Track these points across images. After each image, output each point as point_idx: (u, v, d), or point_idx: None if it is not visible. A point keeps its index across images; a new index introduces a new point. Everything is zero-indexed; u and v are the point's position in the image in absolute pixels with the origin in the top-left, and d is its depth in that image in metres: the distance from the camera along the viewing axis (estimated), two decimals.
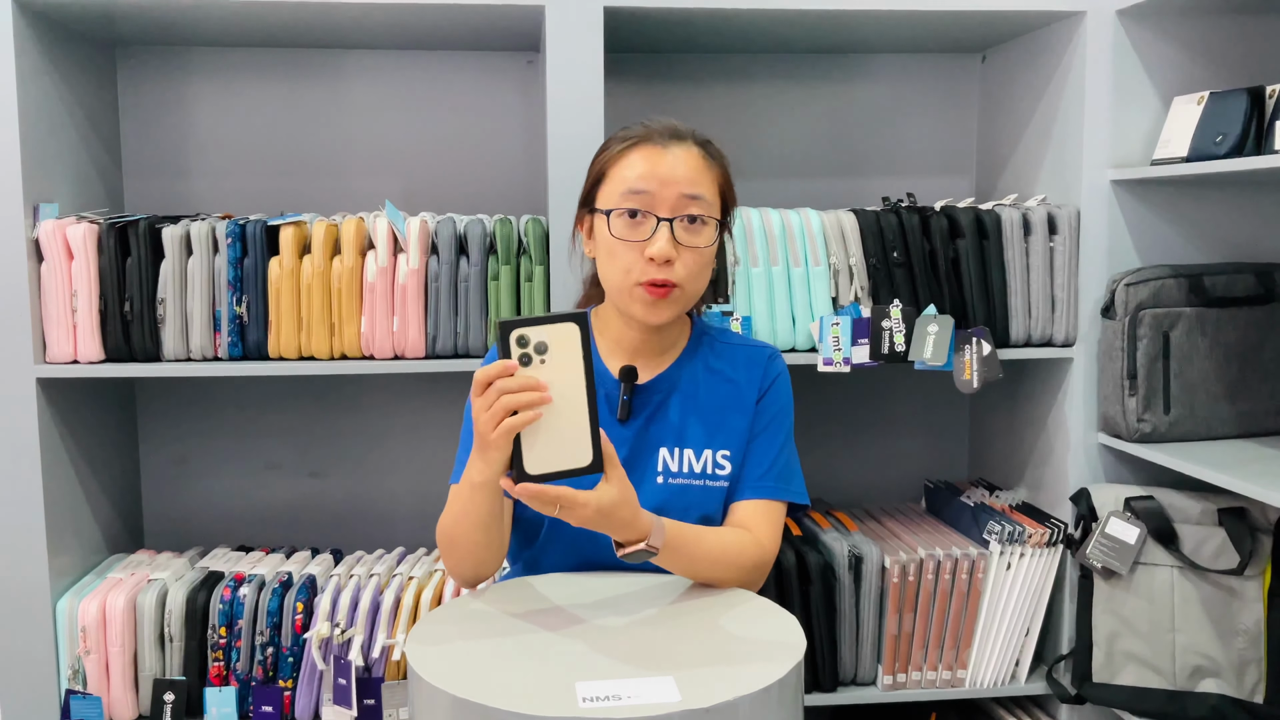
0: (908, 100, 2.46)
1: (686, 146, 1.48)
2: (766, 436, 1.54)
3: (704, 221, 1.46)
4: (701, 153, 1.49)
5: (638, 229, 1.45)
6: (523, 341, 1.22)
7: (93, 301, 1.91)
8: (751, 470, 1.52)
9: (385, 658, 1.92)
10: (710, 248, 1.47)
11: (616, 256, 1.46)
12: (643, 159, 1.46)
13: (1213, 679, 1.93)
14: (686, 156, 1.47)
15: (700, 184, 1.46)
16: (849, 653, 2.03)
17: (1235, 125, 1.81)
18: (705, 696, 1.09)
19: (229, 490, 2.37)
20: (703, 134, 1.53)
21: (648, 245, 1.43)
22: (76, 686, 1.92)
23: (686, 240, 1.45)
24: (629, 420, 1.52)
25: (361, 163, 2.34)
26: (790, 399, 1.58)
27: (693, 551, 1.40)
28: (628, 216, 1.45)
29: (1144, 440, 1.98)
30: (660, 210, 1.44)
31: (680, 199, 1.44)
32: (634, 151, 1.47)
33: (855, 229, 2.02)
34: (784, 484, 1.53)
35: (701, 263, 1.47)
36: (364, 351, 1.97)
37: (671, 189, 1.44)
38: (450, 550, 1.44)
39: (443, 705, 1.12)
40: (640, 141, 1.47)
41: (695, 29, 2.15)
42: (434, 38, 2.22)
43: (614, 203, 1.46)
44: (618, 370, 1.53)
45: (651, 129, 1.49)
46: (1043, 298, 2.05)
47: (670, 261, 1.43)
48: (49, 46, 1.97)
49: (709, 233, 1.47)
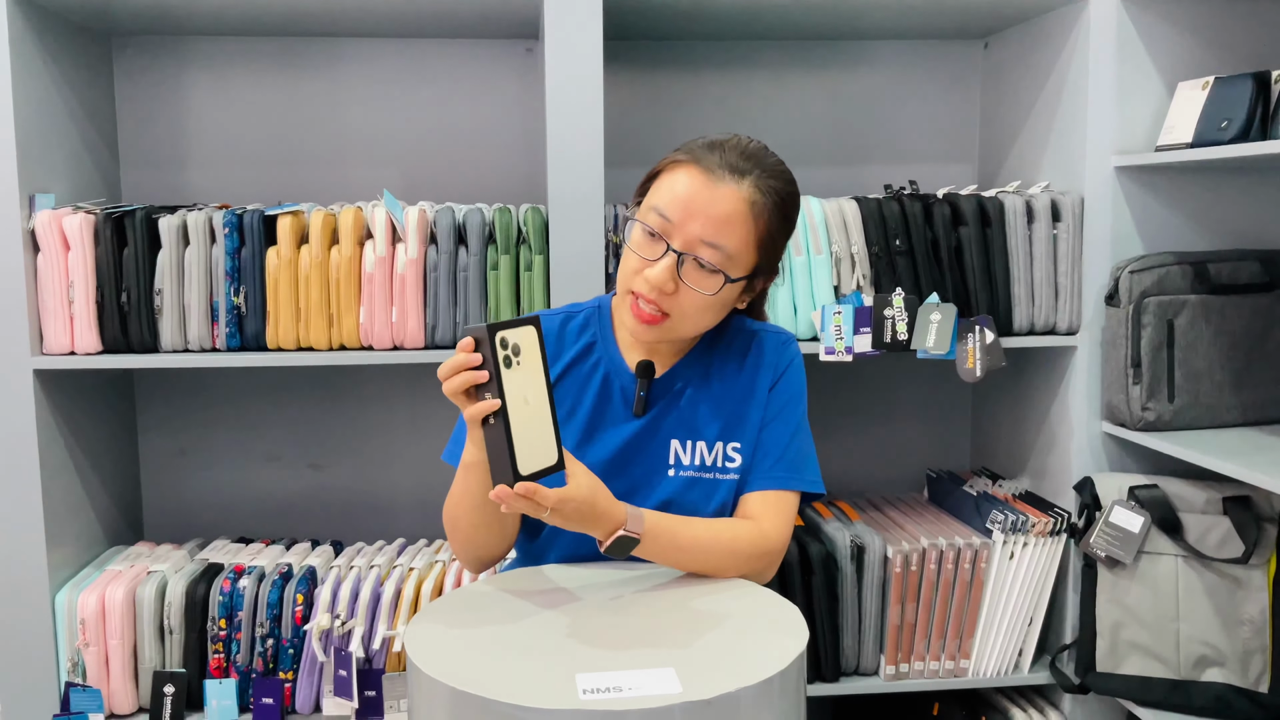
0: (910, 87, 2.45)
1: (737, 187, 1.37)
2: (777, 425, 1.50)
3: (714, 271, 1.38)
4: (750, 200, 1.37)
5: (650, 247, 1.39)
6: (504, 343, 1.21)
7: (89, 292, 1.90)
8: (762, 460, 1.49)
9: (386, 649, 1.91)
10: (715, 296, 1.39)
11: (626, 261, 1.42)
12: (685, 183, 1.38)
13: (1217, 668, 1.93)
14: (729, 200, 1.37)
15: (728, 235, 1.37)
16: (851, 643, 2.03)
17: (1240, 110, 1.79)
18: (706, 688, 1.08)
19: (228, 482, 2.36)
20: (774, 173, 1.41)
21: (649, 267, 1.38)
22: (76, 679, 1.92)
23: (690, 280, 1.38)
24: (644, 414, 1.49)
25: (359, 152, 2.33)
26: (803, 386, 1.54)
27: (678, 539, 1.37)
28: (646, 233, 1.39)
29: (1148, 429, 1.97)
30: (675, 240, 1.37)
31: (698, 241, 1.37)
32: (684, 169, 1.39)
33: (857, 217, 2.00)
34: (795, 473, 1.49)
35: (700, 306, 1.40)
36: (363, 342, 1.96)
37: (694, 226, 1.36)
38: (454, 531, 1.44)
39: (442, 697, 1.11)
40: (696, 162, 1.39)
41: (696, 15, 2.14)
42: (432, 25, 2.20)
43: (642, 213, 1.41)
44: (634, 364, 1.49)
45: (713, 155, 1.39)
46: (1046, 285, 2.03)
47: (666, 293, 1.38)
48: (45, 37, 1.96)
49: (716, 283, 1.38)
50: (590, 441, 1.48)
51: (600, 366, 1.49)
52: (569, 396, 1.49)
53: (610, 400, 1.48)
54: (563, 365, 1.50)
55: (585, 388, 1.49)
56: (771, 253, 1.43)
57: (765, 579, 1.46)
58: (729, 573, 1.41)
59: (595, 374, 1.49)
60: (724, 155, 1.39)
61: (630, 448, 1.47)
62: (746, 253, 1.40)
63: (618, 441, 1.47)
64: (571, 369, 1.50)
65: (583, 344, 1.51)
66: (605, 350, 1.50)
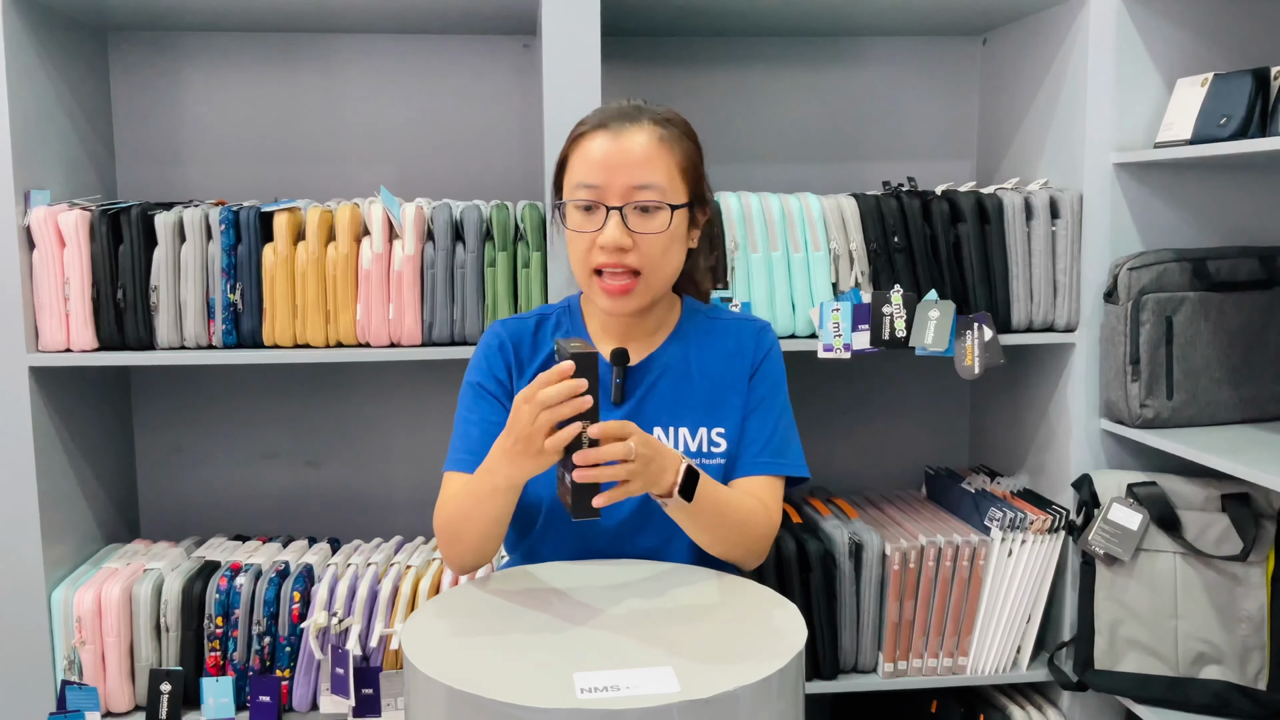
0: (908, 83, 2.44)
1: (641, 129, 1.45)
2: (761, 412, 1.53)
3: (656, 207, 1.44)
4: (658, 134, 1.45)
5: (590, 219, 1.44)
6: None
7: (85, 289, 1.89)
8: (748, 447, 1.52)
9: (383, 647, 1.91)
10: (668, 231, 1.45)
11: (575, 246, 1.47)
12: (594, 148, 1.44)
13: (1215, 666, 1.93)
14: (638, 142, 1.44)
15: (652, 170, 1.43)
16: (850, 640, 2.02)
17: (1239, 107, 1.79)
18: (705, 687, 1.08)
19: (225, 479, 2.36)
20: (665, 111, 1.50)
21: (599, 235, 1.43)
22: (72, 677, 1.91)
23: (640, 227, 1.43)
24: (623, 402, 1.51)
25: (356, 148, 2.32)
26: (783, 371, 1.58)
27: (718, 495, 1.41)
28: (581, 207, 1.45)
29: (1146, 426, 1.97)
30: (610, 199, 1.43)
31: (629, 188, 1.43)
32: (588, 140, 1.46)
33: (855, 214, 2.00)
34: (783, 458, 1.53)
35: (661, 246, 1.45)
36: (360, 339, 1.95)
37: (621, 178, 1.42)
38: (453, 543, 1.44)
39: (439, 696, 1.11)
40: (594, 129, 1.46)
41: (693, 11, 2.13)
42: (429, 21, 2.19)
43: (569, 194, 1.46)
44: (609, 353, 1.52)
45: (606, 114, 1.47)
46: (1045, 282, 2.03)
47: (625, 249, 1.42)
48: (40, 32, 1.95)
49: (664, 217, 1.44)
50: None
51: None
52: None
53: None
54: (540, 362, 1.53)
55: None
56: (696, 179, 1.50)
57: (758, 562, 1.51)
58: (739, 548, 1.45)
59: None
60: (614, 113, 1.47)
61: None
62: (675, 182, 1.46)
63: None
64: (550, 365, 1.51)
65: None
66: None
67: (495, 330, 1.56)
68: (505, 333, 1.55)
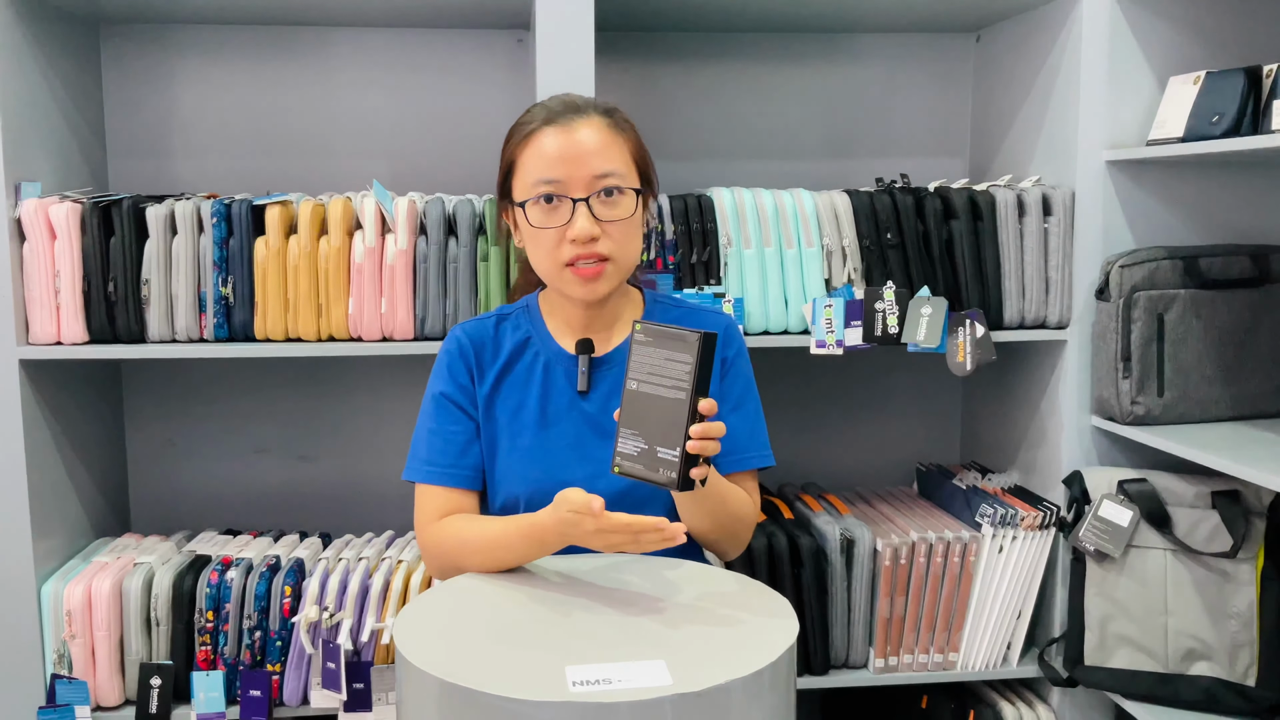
0: (901, 80, 2.44)
1: (590, 120, 1.46)
2: (740, 413, 1.56)
3: (620, 192, 1.45)
4: (607, 123, 1.47)
5: (555, 214, 1.44)
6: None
7: (76, 282, 1.89)
8: (732, 447, 1.52)
9: (374, 641, 1.91)
10: (634, 215, 1.47)
11: (541, 243, 1.46)
12: (548, 143, 1.44)
13: (1205, 662, 1.93)
14: (592, 132, 1.45)
15: (610, 157, 1.45)
16: (841, 636, 2.03)
17: (1232, 105, 1.79)
18: (697, 680, 1.08)
19: (216, 473, 2.35)
20: (605, 102, 1.51)
21: (569, 228, 1.43)
22: (62, 671, 1.91)
23: (606, 214, 1.44)
24: (589, 393, 1.52)
25: (349, 142, 2.32)
26: (750, 367, 1.60)
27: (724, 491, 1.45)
28: (544, 203, 1.44)
29: (1137, 423, 1.98)
30: (574, 191, 1.43)
31: (591, 178, 1.43)
32: (538, 137, 1.46)
33: (848, 210, 2.00)
34: (760, 452, 1.58)
35: (628, 231, 1.47)
36: (352, 333, 1.95)
37: (582, 169, 1.43)
38: (448, 569, 1.46)
39: (431, 690, 1.11)
40: (543, 125, 1.46)
41: (687, 7, 2.13)
42: (422, 15, 2.19)
43: (528, 193, 1.45)
44: (572, 348, 1.54)
45: (551, 109, 1.47)
46: (1037, 279, 2.03)
47: (596, 238, 1.43)
48: (31, 24, 1.94)
49: (628, 201, 1.46)
50: (546, 429, 1.51)
51: (540, 356, 1.54)
52: (515, 391, 1.53)
53: (555, 385, 1.53)
54: (502, 362, 1.54)
55: (529, 379, 1.53)
56: (644, 165, 1.51)
57: (739, 551, 1.56)
58: (734, 537, 1.50)
59: (536, 364, 1.54)
60: (558, 108, 1.47)
61: (587, 430, 1.51)
62: (630, 167, 1.48)
63: (573, 425, 1.51)
64: (513, 364, 1.54)
65: (519, 339, 1.56)
66: (541, 342, 1.55)
67: (455, 335, 1.56)
68: (465, 337, 1.55)
